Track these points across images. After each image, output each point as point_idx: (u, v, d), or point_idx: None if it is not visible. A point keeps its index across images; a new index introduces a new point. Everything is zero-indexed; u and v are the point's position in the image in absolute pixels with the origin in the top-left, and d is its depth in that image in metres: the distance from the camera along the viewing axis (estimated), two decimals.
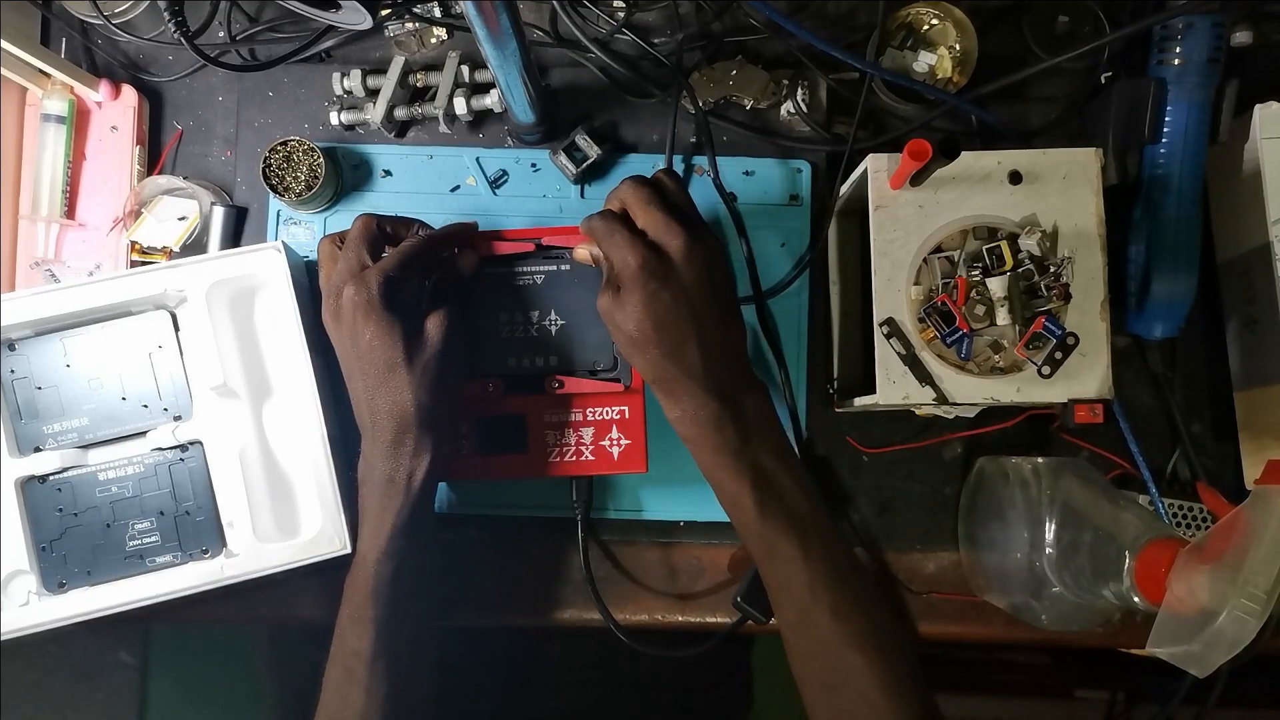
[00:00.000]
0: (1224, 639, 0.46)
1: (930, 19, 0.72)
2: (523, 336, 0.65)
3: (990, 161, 0.61)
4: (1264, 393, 0.68)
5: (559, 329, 0.65)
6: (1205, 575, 0.48)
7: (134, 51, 0.75)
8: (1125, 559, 0.54)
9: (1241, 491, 0.70)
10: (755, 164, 0.72)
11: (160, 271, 0.64)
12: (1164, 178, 0.68)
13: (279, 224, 0.72)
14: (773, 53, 0.73)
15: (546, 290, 0.65)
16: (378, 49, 0.74)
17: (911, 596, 0.71)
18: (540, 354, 0.65)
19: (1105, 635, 0.70)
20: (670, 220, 0.56)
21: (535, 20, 0.73)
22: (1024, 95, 0.74)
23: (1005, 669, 1.18)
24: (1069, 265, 0.60)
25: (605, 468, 0.66)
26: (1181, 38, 0.66)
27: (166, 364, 0.66)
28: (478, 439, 0.65)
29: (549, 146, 0.72)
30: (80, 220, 0.72)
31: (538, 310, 0.65)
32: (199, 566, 0.64)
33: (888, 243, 0.61)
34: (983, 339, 0.61)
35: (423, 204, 0.72)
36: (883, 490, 0.72)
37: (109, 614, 0.63)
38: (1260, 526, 0.46)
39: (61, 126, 0.71)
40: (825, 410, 0.72)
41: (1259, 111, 0.67)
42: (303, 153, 0.69)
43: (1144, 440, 0.70)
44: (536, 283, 0.65)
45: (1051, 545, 0.60)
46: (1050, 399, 0.60)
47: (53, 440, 0.65)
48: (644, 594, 0.71)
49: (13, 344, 0.65)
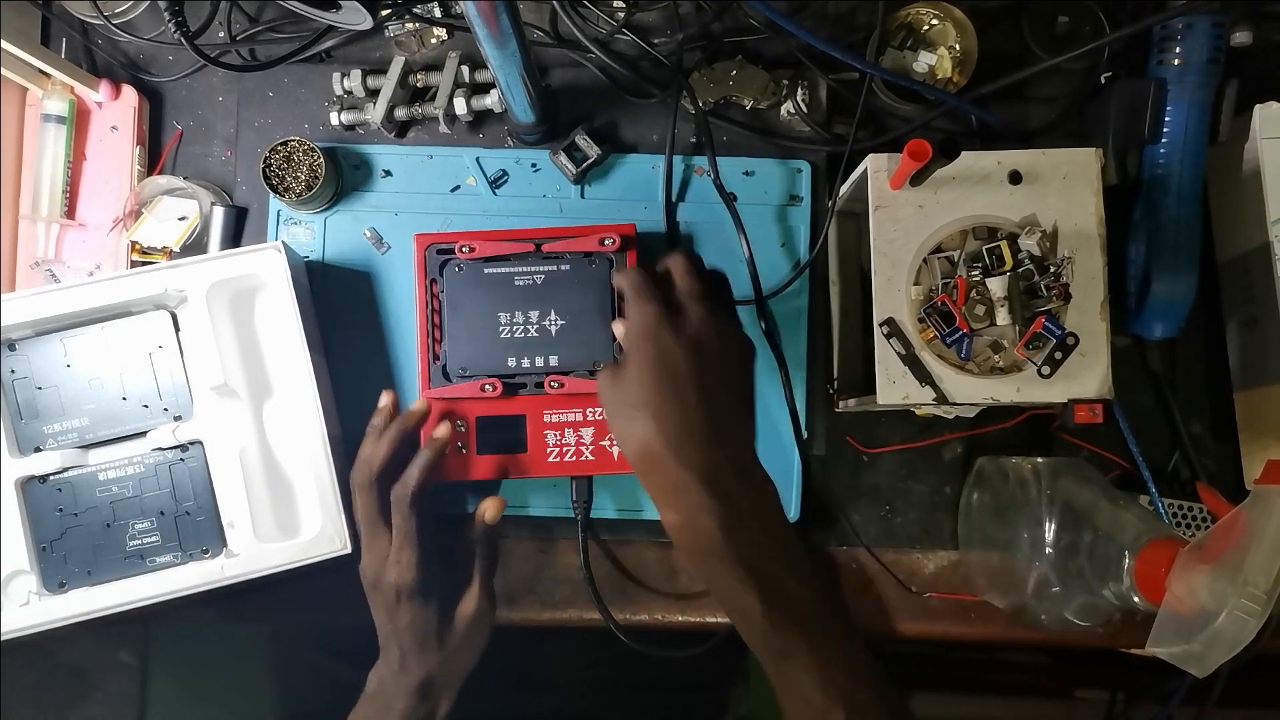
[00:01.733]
0: (1224, 639, 0.46)
1: (930, 19, 0.72)
2: (522, 337, 0.65)
3: (990, 161, 0.61)
4: (1264, 393, 0.68)
5: (559, 329, 0.65)
6: (1205, 575, 0.48)
7: (134, 51, 0.75)
8: (1125, 559, 0.54)
9: (1241, 491, 0.70)
10: (755, 164, 0.72)
11: (160, 272, 0.64)
12: (1164, 178, 0.68)
13: (279, 224, 0.72)
14: (773, 53, 0.73)
15: (546, 290, 0.65)
16: (378, 49, 0.74)
17: (911, 596, 0.71)
18: (540, 354, 0.65)
19: (1105, 635, 0.70)
20: (705, 288, 0.54)
21: (535, 20, 0.73)
22: (1024, 95, 0.74)
23: (1005, 669, 1.18)
24: (1069, 265, 0.60)
25: (605, 468, 0.66)
26: (1181, 38, 0.66)
27: (167, 364, 0.66)
28: (478, 439, 0.65)
29: (549, 146, 0.72)
30: (80, 220, 0.72)
31: (537, 310, 0.65)
32: (199, 566, 0.64)
33: (888, 243, 0.61)
34: (983, 339, 0.61)
35: (423, 204, 0.72)
36: (883, 490, 0.72)
37: (109, 614, 0.63)
38: (1260, 526, 0.46)
39: (62, 126, 0.71)
40: (825, 410, 0.72)
41: (1259, 111, 0.67)
42: (303, 153, 0.69)
43: (1144, 440, 0.70)
44: (536, 283, 0.65)
45: (1051, 545, 0.60)
46: (1050, 399, 0.60)
47: (53, 440, 0.65)
48: (644, 594, 0.71)
49: (13, 344, 0.65)
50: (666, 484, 0.51)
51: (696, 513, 0.50)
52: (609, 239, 0.65)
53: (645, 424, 0.50)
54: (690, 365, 0.51)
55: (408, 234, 0.70)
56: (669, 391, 0.51)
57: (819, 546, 0.71)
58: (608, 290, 0.65)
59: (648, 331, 0.51)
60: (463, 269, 0.65)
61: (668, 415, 0.50)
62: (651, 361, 0.51)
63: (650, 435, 0.50)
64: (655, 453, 0.50)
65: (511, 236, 0.66)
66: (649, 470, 0.51)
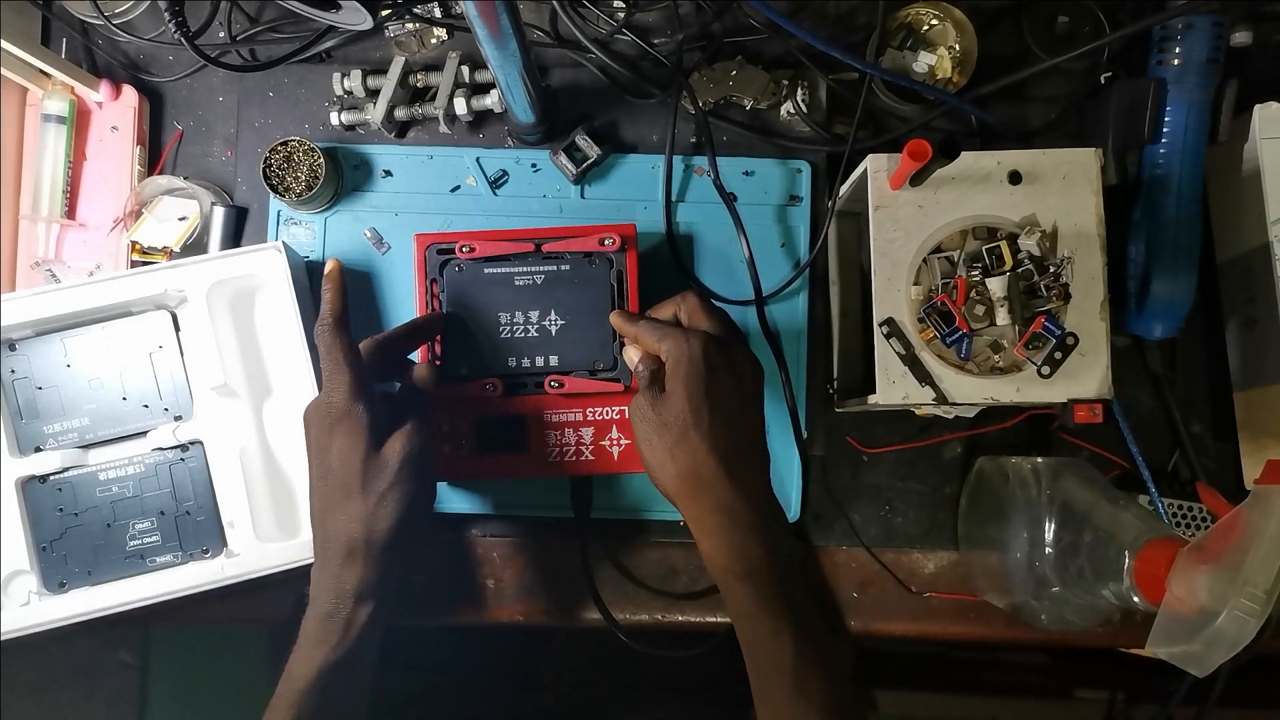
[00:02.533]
0: (1223, 639, 0.46)
1: (930, 19, 0.72)
2: (523, 337, 0.65)
3: (990, 162, 0.61)
4: (1263, 393, 0.68)
5: (559, 329, 0.65)
6: (1205, 575, 0.48)
7: (134, 52, 0.75)
8: (1125, 559, 0.54)
9: (1241, 491, 0.70)
10: (755, 164, 0.72)
11: (161, 272, 0.64)
12: (1163, 178, 0.68)
13: (279, 224, 0.72)
14: (773, 53, 0.73)
15: (546, 290, 0.65)
16: (378, 49, 0.74)
17: (911, 596, 0.71)
18: (540, 354, 0.65)
19: (1105, 635, 0.70)
20: (734, 325, 0.55)
21: (535, 20, 0.73)
22: (1024, 95, 0.74)
23: (1005, 669, 1.18)
24: (1068, 265, 0.60)
25: (605, 468, 0.66)
26: (1181, 38, 0.66)
27: (167, 364, 0.66)
28: (478, 439, 0.65)
29: (549, 147, 0.72)
30: (81, 220, 0.72)
31: (538, 310, 0.65)
32: (199, 566, 0.64)
33: (888, 243, 0.61)
34: (982, 339, 0.61)
35: (423, 204, 0.72)
36: (883, 490, 0.72)
37: (109, 614, 0.63)
38: (1260, 526, 0.46)
39: (62, 127, 0.71)
40: (825, 410, 0.72)
41: (1258, 111, 0.67)
42: (303, 153, 0.69)
43: (1143, 440, 0.70)
44: (536, 283, 0.65)
45: (1051, 545, 0.60)
46: (1050, 399, 0.60)
47: (53, 440, 0.65)
48: (644, 594, 0.71)
49: (13, 344, 0.65)
50: (715, 506, 0.51)
51: (746, 536, 0.51)
52: (609, 239, 0.65)
53: (696, 446, 0.51)
54: (737, 391, 0.53)
55: (408, 234, 0.70)
56: (720, 415, 0.52)
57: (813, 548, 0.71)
58: (608, 290, 0.65)
59: (700, 356, 0.52)
60: (463, 269, 0.65)
61: (720, 438, 0.51)
62: (704, 385, 0.51)
63: (702, 458, 0.51)
64: (705, 476, 0.51)
65: (512, 236, 0.66)
66: (695, 493, 0.52)
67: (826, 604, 0.71)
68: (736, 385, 0.54)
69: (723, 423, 0.52)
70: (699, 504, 0.52)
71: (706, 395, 0.52)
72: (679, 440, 0.52)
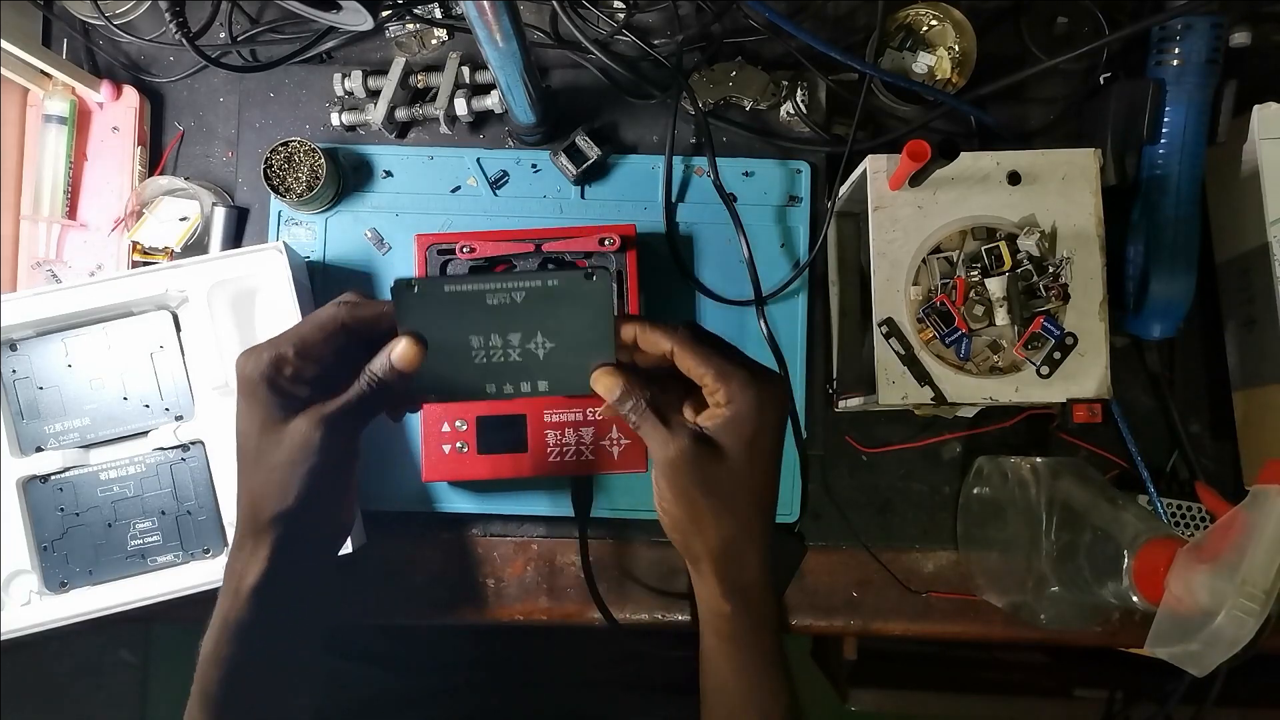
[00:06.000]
0: (1222, 638, 0.46)
1: (929, 20, 0.72)
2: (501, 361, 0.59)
3: (989, 162, 0.61)
4: (1262, 393, 0.68)
5: (547, 352, 0.57)
6: (1204, 575, 0.48)
7: (135, 52, 0.75)
8: (1124, 559, 0.54)
9: (1240, 491, 0.70)
10: (755, 165, 0.72)
11: (161, 272, 0.65)
12: (1162, 178, 0.68)
13: (280, 224, 0.72)
14: (772, 54, 0.73)
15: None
16: (378, 50, 0.74)
17: (911, 596, 0.71)
18: (526, 379, 0.51)
19: (1104, 635, 0.70)
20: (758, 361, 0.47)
21: (535, 21, 0.73)
22: (1023, 96, 0.74)
23: (1004, 668, 1.18)
24: (1067, 266, 0.60)
25: (605, 468, 0.66)
26: (1180, 38, 0.66)
27: (168, 364, 0.66)
28: (478, 439, 0.65)
29: (549, 147, 0.72)
30: (81, 221, 0.72)
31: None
32: (200, 566, 0.64)
33: (887, 243, 0.61)
34: (981, 339, 0.61)
35: (424, 204, 0.72)
36: (882, 490, 0.72)
37: (110, 613, 0.63)
38: (1259, 526, 0.47)
39: (63, 127, 0.71)
40: (825, 410, 0.72)
41: (1257, 112, 0.67)
42: (304, 153, 0.69)
43: (1142, 440, 0.70)
44: (516, 301, 0.55)
45: (1050, 545, 0.60)
46: (1049, 399, 0.60)
47: (54, 440, 0.65)
48: (644, 594, 0.71)
49: (14, 344, 0.65)
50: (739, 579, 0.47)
51: (764, 600, 0.47)
52: (609, 239, 0.65)
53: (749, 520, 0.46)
54: (781, 446, 0.47)
55: (409, 234, 0.70)
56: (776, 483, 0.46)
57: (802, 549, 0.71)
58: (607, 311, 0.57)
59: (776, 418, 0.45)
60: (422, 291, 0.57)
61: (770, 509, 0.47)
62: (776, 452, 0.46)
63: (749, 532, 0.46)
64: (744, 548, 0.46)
65: (512, 237, 0.66)
66: (725, 559, 0.46)
67: (827, 604, 0.71)
68: (782, 442, 0.46)
69: (775, 490, 0.46)
70: (725, 572, 0.47)
71: (773, 464, 0.45)
72: (725, 507, 0.45)
